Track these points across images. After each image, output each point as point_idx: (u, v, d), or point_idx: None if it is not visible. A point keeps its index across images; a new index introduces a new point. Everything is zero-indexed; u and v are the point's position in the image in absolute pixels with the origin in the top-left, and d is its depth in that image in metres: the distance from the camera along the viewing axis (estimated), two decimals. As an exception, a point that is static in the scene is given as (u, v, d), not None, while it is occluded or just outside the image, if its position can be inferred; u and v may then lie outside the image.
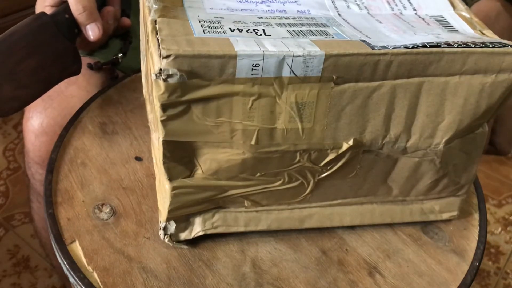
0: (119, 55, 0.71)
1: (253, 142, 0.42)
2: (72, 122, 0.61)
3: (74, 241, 0.49)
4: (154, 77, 0.37)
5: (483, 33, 0.45)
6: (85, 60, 0.69)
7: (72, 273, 0.47)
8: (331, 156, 0.44)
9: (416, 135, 0.45)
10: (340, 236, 0.52)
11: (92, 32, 0.57)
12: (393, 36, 0.43)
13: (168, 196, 0.45)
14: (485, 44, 0.41)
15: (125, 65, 0.73)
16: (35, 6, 0.62)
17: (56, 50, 0.55)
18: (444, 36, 0.43)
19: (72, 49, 0.57)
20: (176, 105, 0.39)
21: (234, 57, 0.37)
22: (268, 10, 0.46)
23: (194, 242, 0.49)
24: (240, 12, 0.45)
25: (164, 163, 0.43)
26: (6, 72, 0.52)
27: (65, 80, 0.58)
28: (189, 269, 0.48)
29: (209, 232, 0.49)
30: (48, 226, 0.50)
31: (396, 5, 0.49)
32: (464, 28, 0.46)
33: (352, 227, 0.52)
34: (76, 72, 0.58)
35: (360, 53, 0.39)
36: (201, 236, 0.49)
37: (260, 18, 0.44)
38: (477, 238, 0.53)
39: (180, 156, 0.43)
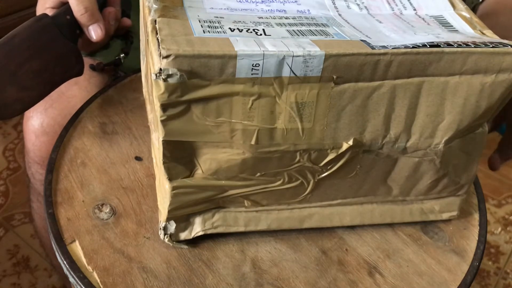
0: (121, 55, 0.71)
1: (253, 142, 0.42)
2: (72, 122, 0.61)
3: (74, 241, 0.49)
4: (154, 77, 0.37)
5: (483, 33, 0.45)
6: (87, 61, 0.69)
7: (72, 273, 0.47)
8: (331, 156, 0.44)
9: (416, 135, 0.45)
10: (340, 236, 0.52)
11: (95, 32, 0.57)
12: (393, 36, 0.43)
13: (168, 196, 0.45)
14: (485, 44, 0.41)
15: (126, 65, 0.73)
16: (36, 8, 0.62)
17: (58, 51, 0.55)
18: (444, 36, 0.43)
19: (74, 50, 0.57)
20: (176, 105, 0.39)
21: (234, 57, 0.37)
22: (268, 10, 0.46)
23: (194, 242, 0.49)
24: (240, 12, 0.45)
25: (164, 163, 0.43)
26: (8, 74, 0.52)
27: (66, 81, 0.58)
28: (189, 269, 0.48)
29: (209, 232, 0.49)
30: (48, 226, 0.50)
31: (396, 5, 0.49)
32: (464, 28, 0.46)
33: (352, 227, 0.52)
34: (79, 73, 0.58)
35: (360, 53, 0.39)
36: (201, 236, 0.49)
37: (260, 18, 0.44)
38: (477, 238, 0.53)
39: (180, 156, 0.43)
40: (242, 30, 0.41)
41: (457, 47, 0.41)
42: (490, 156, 0.62)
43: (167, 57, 0.37)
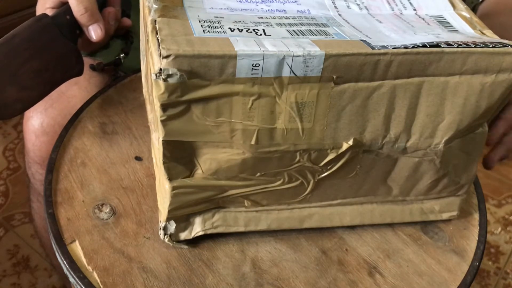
0: (121, 55, 0.71)
1: (253, 142, 0.42)
2: (72, 122, 0.61)
3: (74, 241, 0.49)
4: (154, 77, 0.37)
5: (483, 33, 0.45)
6: (87, 61, 0.69)
7: (72, 273, 0.47)
8: (331, 156, 0.44)
9: (416, 135, 0.45)
10: (340, 236, 0.52)
11: (95, 33, 0.57)
12: (393, 36, 0.43)
13: (168, 196, 0.45)
14: (485, 44, 0.41)
15: (126, 65, 0.73)
16: (36, 8, 0.62)
17: (58, 51, 0.55)
18: (444, 36, 0.43)
19: (74, 50, 0.57)
20: (176, 105, 0.39)
21: (234, 57, 0.37)
22: (268, 10, 0.46)
23: (194, 242, 0.49)
24: (240, 12, 0.45)
25: (164, 163, 0.43)
26: (9, 74, 0.52)
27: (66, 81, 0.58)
28: (189, 269, 0.48)
29: (209, 232, 0.49)
30: (48, 226, 0.50)
31: (396, 5, 0.49)
32: (464, 28, 0.46)
33: (352, 227, 0.52)
34: (79, 73, 0.59)
35: (360, 53, 0.39)
36: (201, 236, 0.49)
37: (260, 18, 0.44)
38: (477, 238, 0.53)
39: (180, 156, 0.43)
40: (242, 30, 0.41)
41: (457, 47, 0.41)
42: (485, 155, 0.62)
43: (167, 57, 0.37)
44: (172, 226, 0.48)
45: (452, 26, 0.47)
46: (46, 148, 0.68)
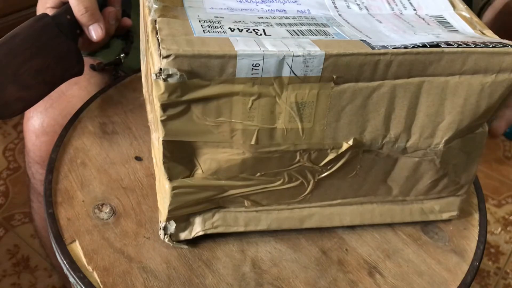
0: (122, 55, 0.71)
1: (253, 142, 0.42)
2: (72, 122, 0.61)
3: (74, 241, 0.49)
4: (154, 77, 0.37)
5: (483, 33, 0.45)
6: (87, 61, 0.69)
7: (72, 273, 0.47)
8: (331, 156, 0.44)
9: (416, 135, 0.45)
10: (340, 236, 0.52)
11: (95, 32, 0.58)
12: (393, 36, 0.43)
13: (168, 196, 0.45)
14: (485, 44, 0.41)
15: (126, 65, 0.73)
16: (36, 7, 0.62)
17: (59, 51, 0.56)
18: (444, 36, 0.43)
19: (74, 50, 0.57)
20: (176, 105, 0.39)
21: (234, 57, 0.37)
22: (268, 10, 0.46)
23: (194, 242, 0.49)
24: (240, 11, 0.45)
25: (164, 163, 0.43)
26: (10, 73, 0.52)
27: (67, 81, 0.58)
28: (189, 269, 0.48)
29: (209, 232, 0.49)
30: (48, 226, 0.50)
31: (396, 5, 0.49)
32: (464, 28, 0.46)
33: (352, 227, 0.52)
34: (79, 72, 0.59)
35: (360, 53, 0.39)
36: (201, 236, 0.49)
37: (260, 18, 0.44)
38: (477, 238, 0.53)
39: (180, 156, 0.43)
40: (242, 30, 0.41)
41: (457, 47, 0.41)
42: (491, 125, 0.60)
43: (167, 57, 0.37)
44: (172, 226, 0.48)
45: (452, 26, 0.47)
46: (46, 148, 0.68)
